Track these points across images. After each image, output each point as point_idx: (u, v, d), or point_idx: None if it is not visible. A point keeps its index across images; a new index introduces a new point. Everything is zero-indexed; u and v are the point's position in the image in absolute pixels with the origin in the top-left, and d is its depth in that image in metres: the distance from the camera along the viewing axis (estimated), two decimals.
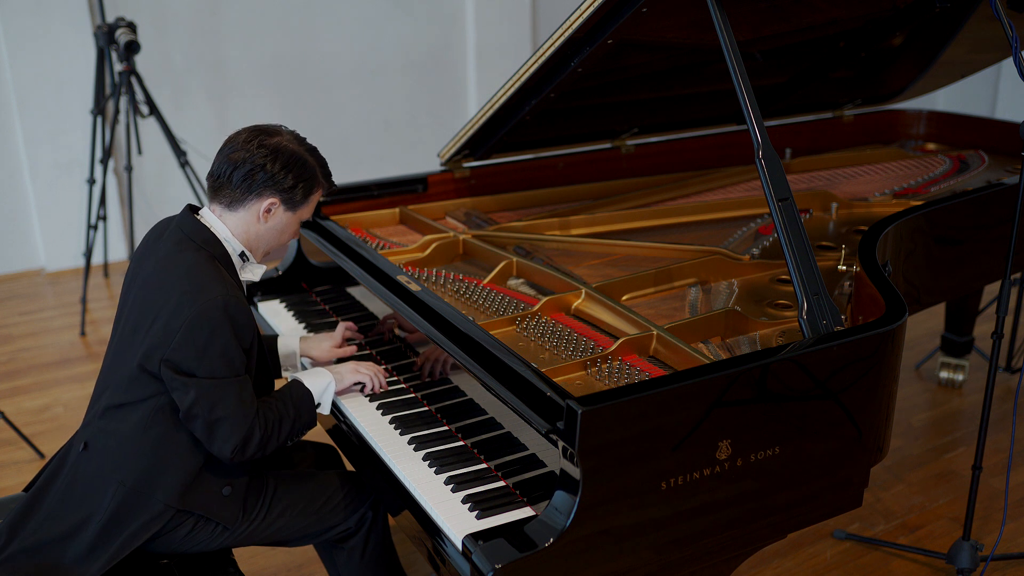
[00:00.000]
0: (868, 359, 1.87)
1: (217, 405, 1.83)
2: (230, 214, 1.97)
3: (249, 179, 1.92)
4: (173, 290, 1.85)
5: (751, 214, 2.95)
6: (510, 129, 2.80)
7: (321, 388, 2.08)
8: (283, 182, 1.94)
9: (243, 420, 1.86)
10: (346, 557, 2.16)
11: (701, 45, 2.65)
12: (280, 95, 5.76)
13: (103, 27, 4.36)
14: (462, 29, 6.23)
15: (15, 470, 3.39)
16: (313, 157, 1.99)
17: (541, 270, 2.40)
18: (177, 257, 1.90)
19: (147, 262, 1.95)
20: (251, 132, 1.96)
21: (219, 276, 1.88)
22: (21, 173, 5.23)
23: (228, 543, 2.01)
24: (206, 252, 1.92)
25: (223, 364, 1.83)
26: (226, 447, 1.86)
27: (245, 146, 1.93)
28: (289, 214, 1.99)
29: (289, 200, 1.97)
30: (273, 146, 1.93)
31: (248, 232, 1.98)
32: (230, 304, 1.83)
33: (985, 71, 4.24)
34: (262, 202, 1.95)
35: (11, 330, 4.64)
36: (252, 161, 1.92)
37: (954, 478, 3.24)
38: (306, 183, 1.97)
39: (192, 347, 1.81)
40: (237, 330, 1.85)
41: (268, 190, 1.94)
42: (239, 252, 1.99)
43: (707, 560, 1.83)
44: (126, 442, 1.90)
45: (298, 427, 2.00)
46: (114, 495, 1.89)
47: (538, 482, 1.79)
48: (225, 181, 1.94)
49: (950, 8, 2.87)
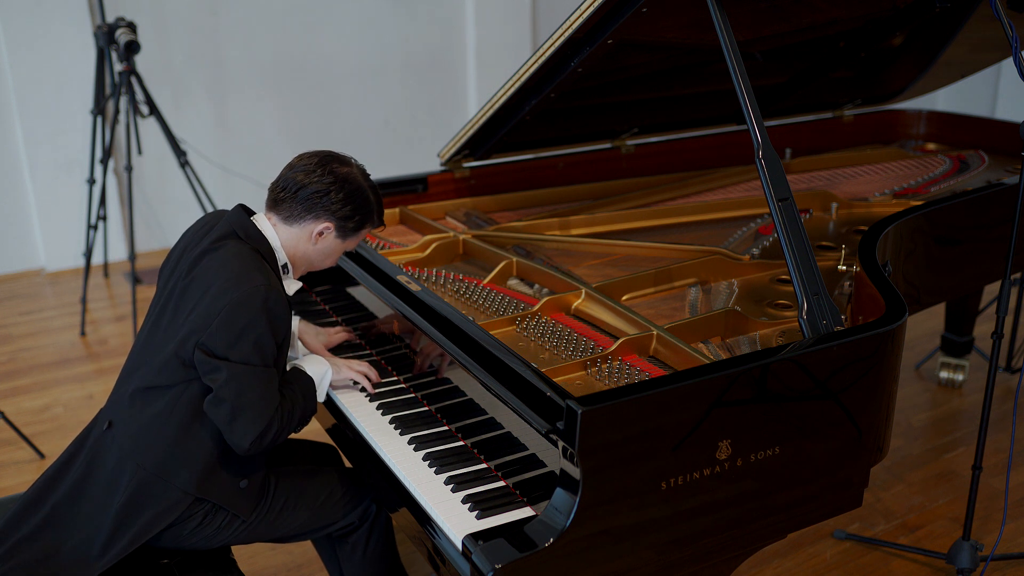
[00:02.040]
0: (868, 359, 1.87)
1: (245, 392, 1.85)
2: (284, 227, 2.01)
3: (313, 200, 1.97)
4: (217, 276, 1.88)
5: (751, 214, 2.95)
6: (510, 129, 2.80)
7: (320, 375, 2.10)
8: (342, 211, 1.98)
9: (266, 411, 1.87)
10: (348, 551, 2.17)
11: (701, 45, 2.65)
12: (280, 95, 5.76)
13: (103, 27, 4.36)
14: (462, 29, 6.23)
15: (15, 470, 3.39)
16: (374, 195, 2.04)
17: (541, 270, 2.40)
18: (221, 250, 1.93)
19: (193, 251, 1.98)
20: (325, 157, 2.01)
21: (263, 267, 1.92)
22: (21, 173, 5.23)
23: (231, 540, 2.02)
24: (251, 247, 1.96)
25: (256, 352, 1.86)
26: (247, 436, 1.86)
27: (317, 168, 1.98)
28: (338, 241, 2.03)
29: (342, 228, 2.01)
30: (343, 176, 1.98)
31: (297, 248, 2.02)
32: (271, 296, 1.86)
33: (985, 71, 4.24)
34: (318, 224, 1.99)
35: (11, 330, 4.64)
36: (320, 184, 1.96)
37: (954, 478, 3.24)
38: (362, 217, 2.02)
39: (228, 332, 1.84)
40: (273, 322, 1.87)
41: (326, 214, 1.98)
42: (283, 263, 2.03)
43: (707, 560, 1.83)
44: (150, 425, 1.92)
45: (304, 416, 2.01)
46: (132, 477, 1.91)
47: (538, 482, 1.79)
48: (289, 196, 1.98)
49: (950, 8, 2.87)
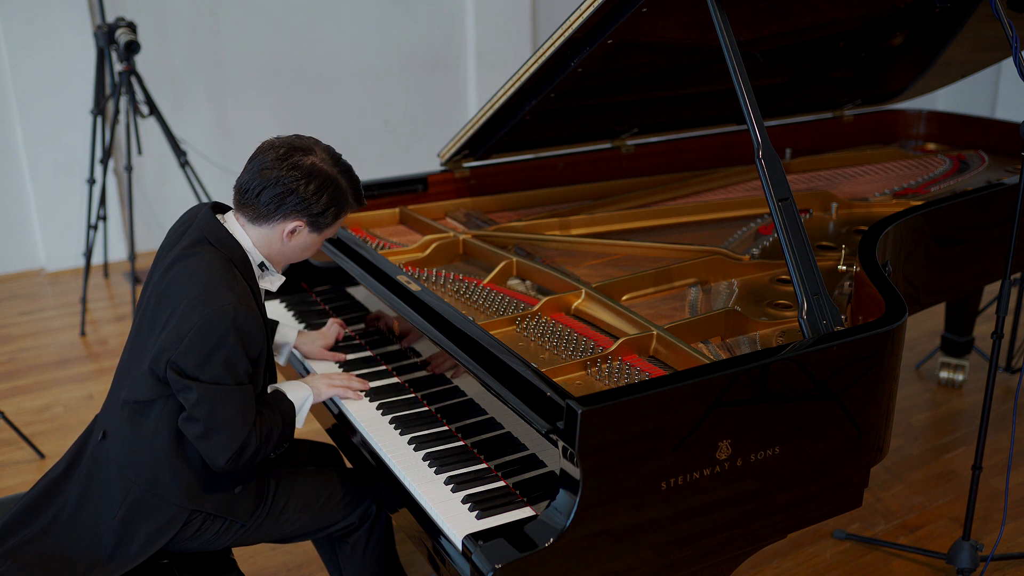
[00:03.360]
0: (868, 359, 1.87)
1: (217, 411, 1.81)
2: (254, 227, 1.93)
3: (278, 201, 1.88)
4: (185, 294, 1.83)
5: (751, 214, 2.95)
6: (510, 129, 2.80)
7: (301, 401, 2.06)
8: (312, 207, 1.89)
9: (241, 429, 1.84)
10: (349, 552, 2.16)
11: (701, 45, 2.65)
12: (280, 95, 5.76)
13: (103, 27, 4.36)
14: (462, 29, 6.23)
15: (15, 470, 3.39)
16: (346, 178, 1.94)
17: (541, 270, 2.40)
18: (192, 259, 1.87)
19: (166, 259, 1.93)
20: (285, 149, 1.89)
21: (232, 282, 1.85)
22: (21, 173, 5.23)
23: (232, 542, 2.02)
24: (222, 255, 1.89)
25: (227, 372, 1.81)
26: (222, 455, 1.83)
27: (277, 164, 1.87)
28: (314, 235, 1.96)
29: (315, 223, 1.93)
30: (307, 168, 1.88)
31: (270, 247, 1.96)
32: (240, 314, 1.80)
33: (985, 71, 4.24)
34: (287, 223, 1.91)
35: (11, 330, 4.64)
36: (283, 183, 1.86)
37: (954, 478, 3.24)
38: (336, 207, 1.93)
39: (198, 352, 1.79)
40: (244, 341, 1.82)
41: (295, 213, 1.89)
42: (259, 263, 1.97)
43: (707, 560, 1.83)
44: (141, 441, 1.90)
45: (282, 440, 1.98)
46: (128, 493, 1.90)
47: (538, 482, 1.79)
48: (253, 198, 1.89)
49: (950, 8, 2.87)
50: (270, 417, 1.94)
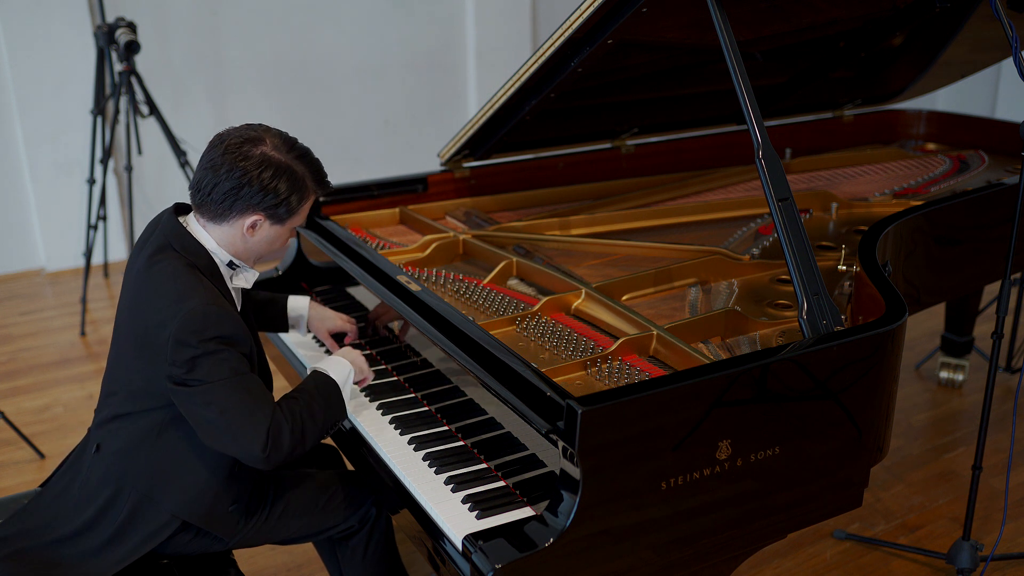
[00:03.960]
0: (868, 359, 1.87)
1: (227, 408, 1.74)
2: (215, 226, 1.87)
3: (231, 197, 1.80)
4: (152, 306, 1.78)
5: (751, 214, 2.95)
6: (510, 129, 2.80)
7: (343, 378, 1.97)
8: (267, 199, 1.81)
9: (261, 415, 1.76)
10: (349, 555, 2.16)
11: (701, 45, 2.65)
12: (280, 95, 5.76)
13: (103, 27, 4.36)
14: (462, 29, 6.23)
15: (15, 470, 3.39)
16: (303, 163, 1.86)
17: (541, 270, 2.40)
18: (156, 269, 1.81)
19: (132, 270, 1.89)
20: (232, 142, 1.81)
21: (198, 285, 1.78)
22: (21, 173, 5.23)
23: (231, 545, 2.01)
24: (186, 260, 1.83)
25: (219, 369, 1.74)
26: (255, 447, 1.74)
27: (225, 159, 1.79)
28: (277, 227, 1.88)
29: (274, 215, 1.85)
30: (257, 159, 1.79)
31: (234, 244, 1.88)
32: (209, 314, 1.74)
33: (985, 71, 4.24)
34: (246, 219, 1.83)
35: (11, 330, 4.64)
36: (233, 178, 1.78)
37: (954, 478, 3.24)
38: (297, 195, 1.85)
39: (183, 360, 1.73)
40: (224, 338, 1.76)
41: (251, 207, 1.82)
42: (227, 262, 1.90)
43: (707, 560, 1.83)
44: (136, 451, 1.88)
45: (331, 420, 1.90)
46: (126, 502, 1.89)
47: (538, 482, 1.79)
48: (206, 197, 1.82)
49: (950, 8, 2.87)
50: (305, 398, 1.87)
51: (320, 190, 1.92)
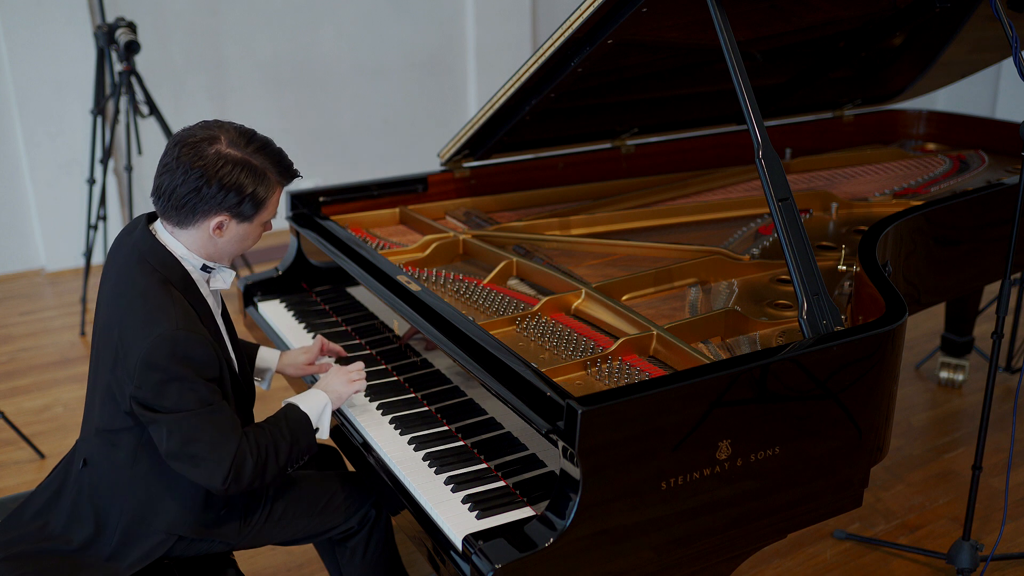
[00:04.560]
0: (868, 359, 1.87)
1: (192, 439, 1.73)
2: (182, 232, 1.82)
3: (191, 200, 1.75)
4: (122, 325, 1.75)
5: (751, 214, 2.95)
6: (510, 129, 2.80)
7: (318, 410, 1.96)
8: (229, 199, 1.75)
9: (225, 449, 1.74)
10: (348, 556, 2.16)
11: (701, 45, 2.65)
12: (280, 95, 5.76)
13: (103, 27, 4.36)
14: (462, 29, 6.23)
15: (15, 470, 3.39)
16: (263, 155, 1.79)
17: (541, 270, 2.40)
18: (127, 284, 1.78)
19: (108, 282, 1.85)
20: (184, 144, 1.75)
21: (169, 306, 1.74)
22: (21, 173, 5.23)
23: (230, 547, 2.01)
24: (159, 275, 1.78)
25: (186, 398, 1.72)
26: (216, 479, 1.74)
27: (180, 162, 1.74)
28: (245, 224, 1.82)
29: (239, 214, 1.79)
30: (211, 160, 1.73)
31: (205, 248, 1.83)
32: (178, 341, 1.70)
33: (985, 71, 4.24)
34: (210, 221, 1.78)
35: (11, 330, 4.64)
36: (190, 180, 1.73)
37: (954, 478, 3.24)
38: (261, 189, 1.78)
39: (150, 386, 1.71)
40: (192, 365, 1.72)
41: (214, 209, 1.76)
42: (200, 266, 1.86)
43: (707, 560, 1.83)
44: (121, 470, 1.87)
45: (296, 452, 1.89)
46: (117, 527, 1.88)
47: (538, 482, 1.79)
48: (166, 203, 1.77)
49: (950, 8, 2.87)
50: (272, 431, 1.86)
51: (285, 180, 1.85)
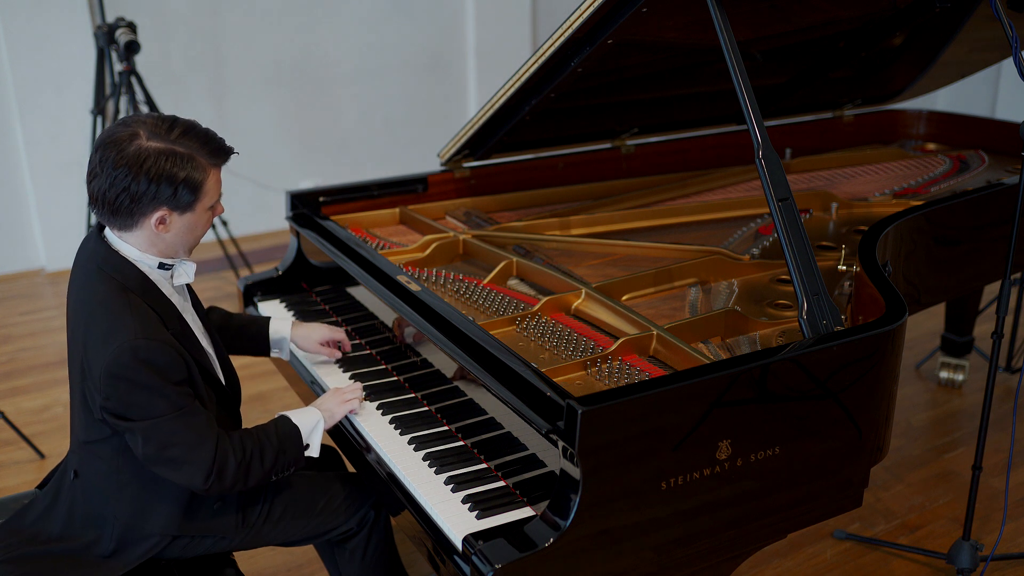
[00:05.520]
0: (868, 359, 1.87)
1: (168, 444, 1.72)
2: (128, 234, 1.78)
3: (125, 202, 1.71)
4: (86, 337, 1.74)
5: (751, 214, 2.95)
6: (510, 129, 2.80)
7: (310, 427, 1.95)
8: (160, 193, 1.70)
9: (204, 450, 1.74)
10: (347, 557, 2.16)
11: (701, 45, 2.65)
12: (280, 95, 5.77)
13: (103, 27, 4.36)
14: (462, 29, 6.23)
15: (15, 470, 3.39)
16: (188, 139, 1.73)
17: (541, 270, 2.40)
18: (88, 294, 1.76)
19: (71, 295, 1.84)
20: (104, 148, 1.70)
21: (127, 315, 1.71)
22: (21, 173, 5.23)
23: (229, 548, 2.01)
24: (116, 282, 1.75)
25: (157, 405, 1.71)
26: (197, 480, 1.75)
27: (104, 165, 1.70)
28: (189, 214, 1.77)
29: (177, 204, 1.74)
30: (132, 156, 1.68)
31: (156, 246, 1.80)
32: (138, 349, 1.68)
33: (985, 71, 4.24)
34: (150, 218, 1.74)
35: (11, 330, 4.64)
36: (118, 184, 1.69)
37: (954, 478, 3.24)
38: (188, 177, 1.72)
39: (117, 397, 1.70)
40: (158, 370, 1.70)
41: (149, 205, 1.72)
42: (156, 264, 1.82)
43: (707, 560, 1.83)
44: (107, 479, 1.87)
45: (283, 462, 1.89)
46: (112, 529, 1.88)
47: (538, 482, 1.79)
48: (102, 209, 1.74)
49: (950, 8, 2.87)
50: (260, 436, 1.86)
51: (217, 160, 1.78)
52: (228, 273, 5.22)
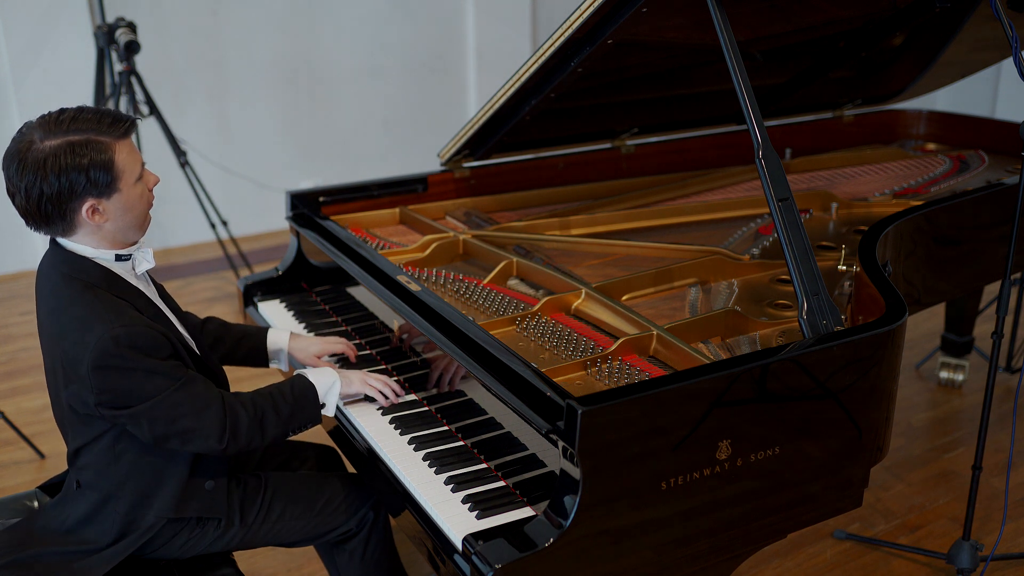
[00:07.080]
0: (868, 359, 1.87)
1: (176, 417, 1.75)
2: (73, 237, 1.79)
3: (46, 208, 1.71)
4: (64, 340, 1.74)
5: (751, 214, 2.95)
6: (510, 129, 2.80)
7: (326, 386, 2.00)
8: (75, 185, 1.69)
9: (212, 411, 1.77)
10: (347, 558, 2.15)
11: (701, 45, 2.65)
12: (280, 95, 5.77)
13: (103, 27, 4.36)
14: (462, 30, 6.23)
15: (15, 470, 3.39)
16: (80, 124, 1.71)
17: (541, 270, 2.40)
18: (56, 300, 1.77)
19: (40, 309, 1.84)
20: (7, 164, 1.72)
21: (98, 308, 1.72)
22: None
23: (227, 547, 2.01)
24: (80, 282, 1.76)
25: (153, 383, 1.72)
26: (212, 442, 1.78)
27: (13, 181, 1.71)
28: (117, 195, 1.74)
29: (99, 191, 1.72)
30: (33, 164, 1.68)
31: (104, 238, 1.79)
32: (119, 336, 1.69)
33: (985, 71, 4.24)
34: (79, 215, 1.73)
35: (11, 330, 4.64)
36: (33, 193, 1.69)
37: (954, 478, 3.24)
38: (95, 159, 1.70)
39: (110, 387, 1.71)
40: (144, 351, 1.71)
41: (71, 203, 1.71)
42: (112, 257, 1.82)
43: (707, 560, 1.83)
44: (105, 475, 1.88)
45: (298, 420, 1.93)
46: (114, 521, 1.89)
47: (538, 482, 1.79)
48: (35, 222, 1.75)
49: (950, 8, 2.87)
50: (274, 393, 1.89)
51: (116, 133, 1.74)
52: (228, 273, 5.22)
